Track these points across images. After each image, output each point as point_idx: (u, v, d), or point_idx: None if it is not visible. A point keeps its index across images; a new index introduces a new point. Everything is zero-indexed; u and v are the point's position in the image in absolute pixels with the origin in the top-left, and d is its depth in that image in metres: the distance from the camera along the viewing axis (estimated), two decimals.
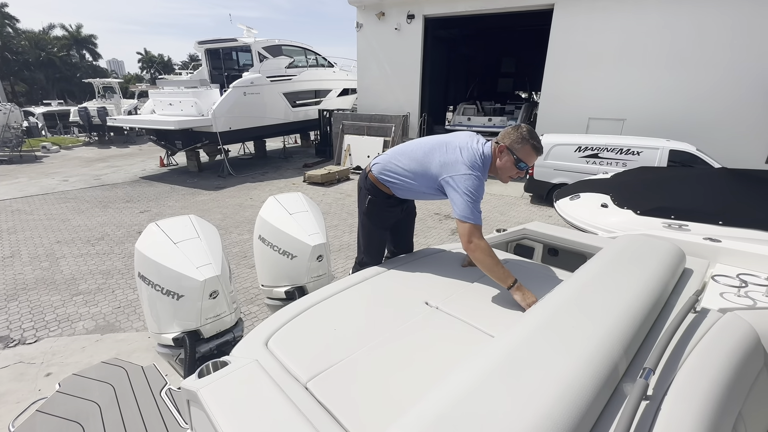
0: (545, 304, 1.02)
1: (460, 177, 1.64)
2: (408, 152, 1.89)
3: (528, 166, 1.70)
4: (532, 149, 1.67)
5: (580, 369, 0.76)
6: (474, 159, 1.68)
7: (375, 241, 2.15)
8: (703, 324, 1.02)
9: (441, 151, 1.75)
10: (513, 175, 1.74)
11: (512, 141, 1.67)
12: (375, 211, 2.04)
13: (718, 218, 2.71)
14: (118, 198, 7.90)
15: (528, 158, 1.68)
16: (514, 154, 1.67)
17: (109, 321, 3.65)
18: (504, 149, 1.69)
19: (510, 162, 1.69)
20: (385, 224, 2.11)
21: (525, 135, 1.66)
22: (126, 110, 17.04)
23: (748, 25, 7.48)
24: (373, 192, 2.00)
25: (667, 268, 1.22)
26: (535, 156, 1.70)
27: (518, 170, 1.71)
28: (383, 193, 1.99)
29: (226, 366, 1.03)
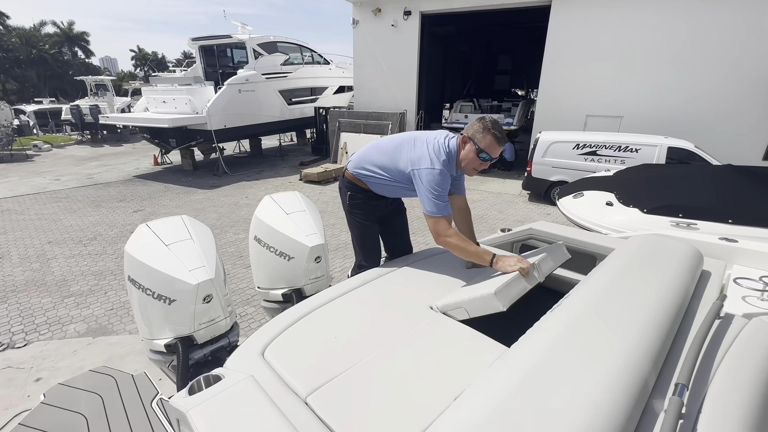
0: (564, 313, 0.95)
1: (424, 171, 1.68)
2: (380, 147, 1.92)
3: (491, 158, 1.70)
4: (494, 139, 1.66)
5: (610, 386, 0.69)
6: (439, 152, 1.70)
7: (367, 238, 2.12)
8: (729, 331, 0.96)
9: (409, 145, 1.79)
10: (477, 167, 1.75)
11: (474, 131, 1.69)
12: (357, 205, 2.05)
13: (727, 216, 2.65)
14: (111, 197, 7.76)
15: (490, 149, 1.67)
16: (476, 144, 1.68)
17: (101, 324, 3.56)
18: (467, 140, 1.71)
19: (472, 153, 1.70)
20: (371, 217, 2.09)
21: (487, 125, 1.66)
22: (119, 108, 16.82)
23: (746, 22, 7.45)
24: (351, 188, 2.03)
25: (687, 271, 1.16)
26: (498, 147, 1.68)
27: (481, 161, 1.71)
28: (362, 188, 2.01)
29: (219, 381, 0.95)
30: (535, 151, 7.37)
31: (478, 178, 9.65)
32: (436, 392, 0.95)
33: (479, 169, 1.76)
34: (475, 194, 8.23)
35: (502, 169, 10.52)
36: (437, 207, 1.66)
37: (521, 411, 0.66)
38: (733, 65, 7.74)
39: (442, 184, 1.67)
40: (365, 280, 1.60)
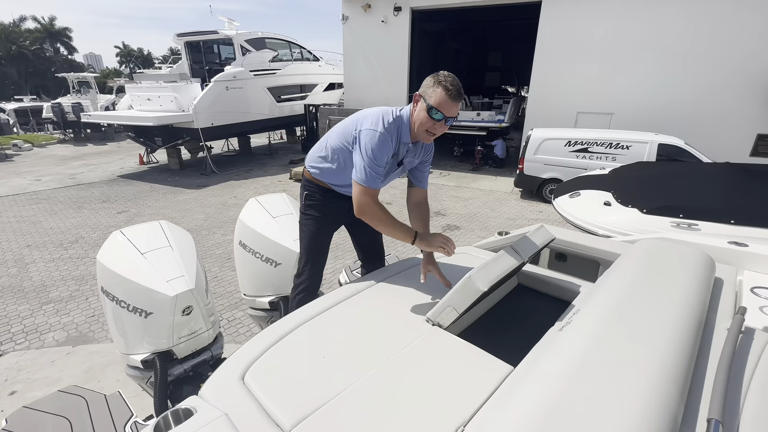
0: (579, 333, 0.86)
1: (365, 132, 1.48)
2: (337, 127, 1.72)
3: (445, 117, 1.44)
4: (444, 92, 1.40)
5: (639, 426, 0.60)
6: (385, 116, 1.51)
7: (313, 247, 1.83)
8: (752, 349, 0.88)
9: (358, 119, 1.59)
10: (431, 129, 1.48)
11: (425, 87, 1.46)
12: (313, 206, 1.80)
13: (729, 217, 2.59)
14: (95, 198, 7.52)
15: (441, 105, 1.41)
16: (426, 101, 1.44)
17: (81, 331, 3.40)
18: (418, 98, 1.48)
19: (423, 111, 1.45)
20: (325, 223, 1.82)
21: (439, 78, 1.42)
22: (103, 106, 16.38)
23: (734, 19, 7.50)
24: (308, 187, 1.81)
25: (702, 280, 1.08)
26: (451, 102, 1.42)
27: (434, 121, 1.45)
28: (321, 187, 1.78)
29: (190, 417, 0.84)
30: (526, 148, 7.34)
31: (470, 176, 9.61)
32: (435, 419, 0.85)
33: (434, 132, 1.50)
34: (467, 192, 8.17)
35: (494, 166, 10.49)
36: (367, 175, 1.45)
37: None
38: (721, 63, 7.80)
39: (381, 150, 1.45)
40: (356, 291, 1.49)
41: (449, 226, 6.08)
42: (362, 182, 1.46)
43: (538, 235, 1.41)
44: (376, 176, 1.47)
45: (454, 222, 6.28)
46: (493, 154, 10.49)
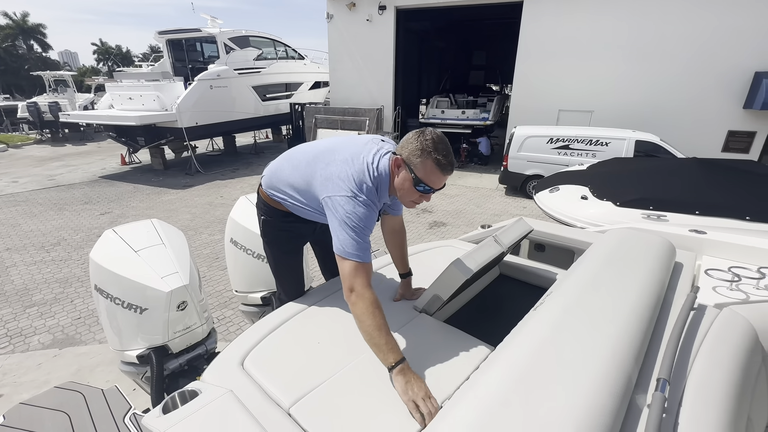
0: (547, 313, 0.95)
1: (340, 199, 1.19)
2: (293, 160, 1.44)
3: (433, 189, 1.24)
4: (435, 165, 1.19)
5: (597, 388, 0.70)
6: (362, 177, 1.22)
7: (283, 271, 1.66)
8: (703, 323, 0.99)
9: (326, 160, 1.29)
10: (416, 201, 1.28)
11: (410, 154, 1.21)
12: (272, 232, 1.59)
13: (694, 208, 2.79)
14: (76, 199, 7.37)
15: (429, 178, 1.21)
16: (413, 172, 1.21)
17: (68, 334, 3.37)
18: (401, 164, 1.24)
19: (408, 182, 1.23)
20: (290, 246, 1.64)
21: (427, 146, 1.18)
22: (81, 105, 15.95)
23: (707, 21, 7.81)
24: (264, 211, 1.58)
25: (662, 264, 1.19)
26: (442, 175, 1.22)
27: (419, 194, 1.25)
28: (278, 211, 1.54)
29: (195, 397, 0.90)
30: (510, 145, 7.51)
31: (456, 174, 9.75)
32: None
33: (419, 203, 1.30)
34: (453, 189, 8.31)
35: (479, 163, 10.67)
36: (357, 247, 1.17)
37: (510, 416, 0.65)
38: (694, 63, 8.11)
39: (367, 218, 1.20)
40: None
41: (436, 223, 6.19)
42: (351, 257, 1.17)
43: (517, 227, 1.51)
44: (366, 246, 1.22)
45: (440, 219, 6.40)
46: (478, 151, 10.66)
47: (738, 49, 7.73)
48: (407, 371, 1.01)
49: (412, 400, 0.94)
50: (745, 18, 7.56)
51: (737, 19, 7.60)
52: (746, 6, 7.50)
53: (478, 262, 1.24)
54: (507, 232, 1.45)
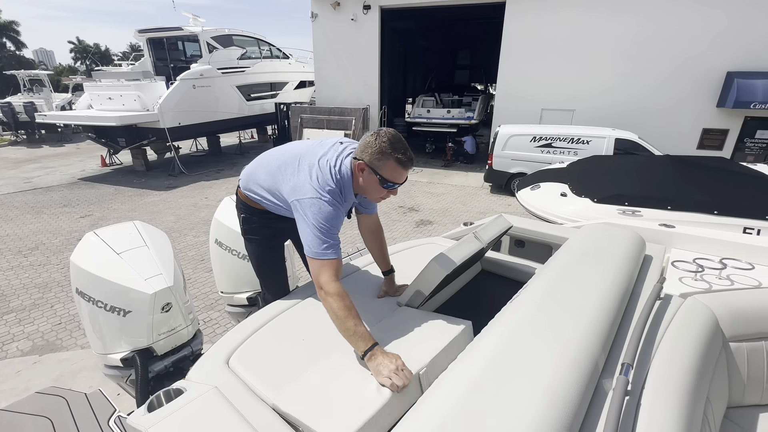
0: (521, 304, 1.00)
1: (307, 201, 1.28)
2: (265, 164, 1.54)
3: (397, 185, 1.35)
4: (397, 164, 1.29)
5: (565, 373, 0.74)
6: (325, 180, 1.31)
7: (266, 268, 1.72)
8: (668, 311, 1.05)
9: (293, 166, 1.39)
10: (384, 196, 1.40)
11: (371, 157, 1.30)
12: (253, 230, 1.66)
13: (666, 204, 2.91)
14: (54, 202, 7.18)
15: (393, 175, 1.31)
16: (377, 172, 1.30)
17: (48, 339, 3.30)
18: (363, 167, 1.32)
19: (374, 182, 1.33)
20: (271, 243, 1.70)
21: (385, 148, 1.27)
22: (59, 105, 15.49)
23: (682, 23, 8.07)
24: (244, 210, 1.66)
25: (632, 256, 1.25)
26: (403, 171, 1.31)
27: (387, 190, 1.35)
28: (257, 210, 1.63)
29: (180, 395, 0.91)
30: (495, 144, 7.62)
31: (442, 172, 9.84)
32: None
33: (387, 197, 1.41)
34: (439, 188, 8.38)
35: (465, 162, 10.79)
36: (323, 246, 1.24)
37: (485, 401, 0.69)
38: (670, 63, 8.37)
39: (333, 218, 1.29)
40: None
41: (423, 221, 6.24)
42: (319, 256, 1.24)
43: (497, 224, 1.56)
44: (334, 245, 1.28)
45: (427, 217, 6.46)
46: (464, 150, 10.78)
47: (711, 50, 8.03)
48: (378, 354, 1.07)
49: (387, 377, 1.00)
50: (717, 20, 7.85)
51: (710, 21, 7.88)
52: (719, 9, 7.79)
53: (458, 257, 1.28)
54: (487, 228, 1.50)
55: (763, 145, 8.27)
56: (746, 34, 7.74)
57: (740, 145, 8.40)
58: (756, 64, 7.79)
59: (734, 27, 7.78)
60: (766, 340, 1.13)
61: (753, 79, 7.70)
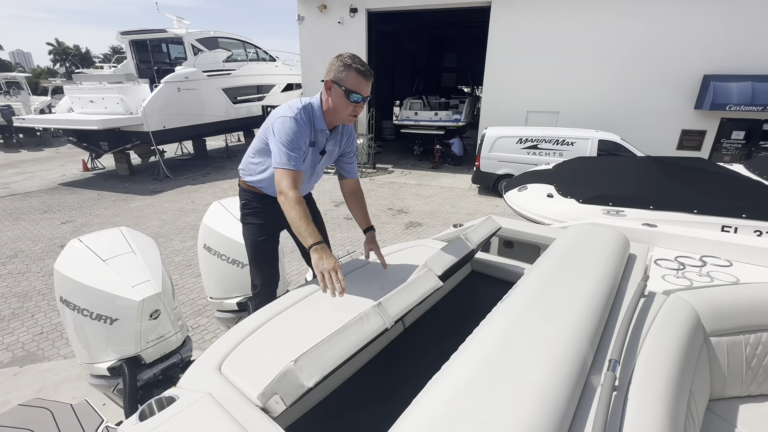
0: (510, 305, 1.02)
1: (277, 123, 1.50)
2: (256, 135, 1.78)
3: (362, 97, 1.51)
4: (358, 74, 1.47)
5: (555, 371, 0.76)
6: (294, 105, 1.54)
7: (259, 254, 1.83)
8: (652, 308, 1.09)
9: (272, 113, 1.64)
10: (351, 112, 1.55)
11: (336, 73, 1.48)
12: (251, 213, 1.81)
13: (649, 203, 3.01)
14: (33, 208, 6.97)
15: (357, 86, 1.48)
16: (342, 85, 1.48)
17: (29, 350, 3.20)
18: (330, 84, 1.51)
19: (341, 96, 1.50)
20: (267, 228, 1.83)
21: (347, 61, 1.47)
22: (37, 108, 15.07)
23: (661, 27, 8.32)
24: (245, 196, 1.83)
25: (616, 255, 1.29)
26: (365, 81, 1.49)
27: (353, 104, 1.52)
28: (257, 194, 1.81)
29: (173, 403, 0.90)
30: (482, 146, 7.71)
31: (431, 174, 9.91)
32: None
33: (356, 113, 1.57)
34: (428, 189, 8.43)
35: (453, 164, 10.88)
36: (286, 158, 1.45)
37: (478, 400, 0.70)
38: (650, 66, 8.62)
39: (296, 134, 1.48)
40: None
41: (412, 224, 6.27)
42: (282, 165, 1.45)
43: (486, 225, 1.58)
44: (295, 158, 1.47)
45: (416, 219, 6.49)
46: (452, 152, 10.87)
47: (688, 54, 8.30)
48: (321, 250, 1.30)
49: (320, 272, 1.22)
50: (694, 25, 8.12)
51: (687, 26, 8.15)
52: (695, 15, 8.06)
53: (449, 260, 1.29)
54: (476, 230, 1.52)
55: (738, 146, 8.57)
56: (721, 39, 8.03)
57: (717, 146, 8.68)
58: (730, 68, 8.08)
59: (710, 32, 8.06)
60: (744, 335, 1.18)
61: (728, 82, 7.99)
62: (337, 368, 0.88)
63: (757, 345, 1.18)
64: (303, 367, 0.87)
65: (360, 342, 0.94)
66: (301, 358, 0.89)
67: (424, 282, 1.15)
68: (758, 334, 1.18)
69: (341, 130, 1.74)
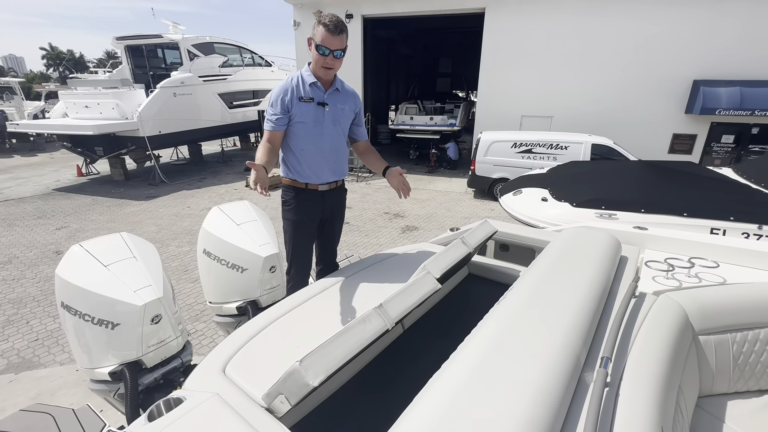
0: (507, 306, 1.05)
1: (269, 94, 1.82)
2: None
3: (330, 51, 1.70)
4: (325, 30, 1.66)
5: (548, 370, 0.79)
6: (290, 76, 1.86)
7: (296, 244, 2.06)
8: (642, 308, 1.13)
9: None
10: (323, 65, 1.75)
11: (312, 31, 1.72)
12: (289, 209, 2.03)
13: (640, 207, 3.07)
14: (27, 214, 6.93)
15: (324, 40, 1.67)
16: (313, 40, 1.71)
17: (24, 357, 3.18)
18: (309, 41, 1.75)
19: (314, 50, 1.73)
20: (303, 222, 2.04)
21: (321, 18, 1.68)
22: (31, 113, 14.98)
23: (652, 33, 8.49)
24: (286, 193, 2.05)
25: (609, 258, 1.33)
26: (332, 36, 1.67)
27: (324, 57, 1.72)
28: (295, 188, 2.01)
29: (181, 404, 0.92)
30: (477, 150, 7.79)
31: (427, 178, 9.97)
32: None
33: (328, 66, 1.76)
34: (424, 194, 8.48)
35: (448, 168, 10.95)
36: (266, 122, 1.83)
37: (476, 398, 0.73)
38: (640, 71, 8.78)
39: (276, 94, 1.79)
40: (323, 288, 1.62)
41: (408, 227, 6.31)
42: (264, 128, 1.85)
43: (483, 229, 1.62)
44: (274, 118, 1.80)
45: (413, 223, 6.52)
46: (447, 156, 10.95)
47: (678, 59, 8.46)
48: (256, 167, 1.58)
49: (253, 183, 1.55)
50: (683, 32, 8.30)
51: (676, 33, 8.32)
52: (684, 22, 8.23)
53: (447, 262, 1.33)
54: (473, 233, 1.56)
55: (728, 149, 8.73)
56: (710, 45, 8.21)
57: (708, 149, 8.84)
58: (719, 73, 8.25)
59: (699, 38, 8.24)
60: (731, 333, 1.22)
61: (717, 87, 8.15)
62: (340, 368, 0.91)
63: (744, 343, 1.23)
64: (308, 366, 0.89)
65: (362, 343, 0.96)
66: (307, 358, 0.91)
67: (423, 284, 1.18)
68: (744, 333, 1.23)
69: (343, 88, 1.93)
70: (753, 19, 7.86)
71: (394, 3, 10.04)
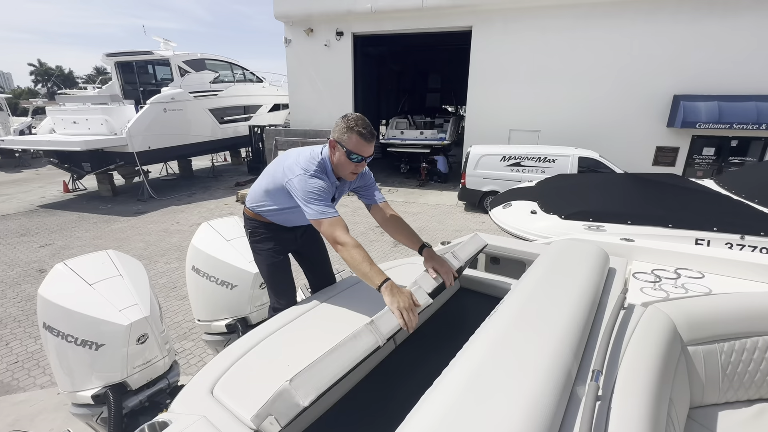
0: (498, 320, 1.05)
1: (296, 179, 1.53)
2: (265, 173, 1.80)
3: (362, 158, 1.56)
4: (360, 137, 1.52)
5: (540, 384, 0.79)
6: (310, 159, 1.59)
7: (276, 275, 1.87)
8: (631, 320, 1.14)
9: (283, 158, 1.69)
10: (353, 170, 1.61)
11: (339, 133, 1.55)
12: (261, 240, 1.84)
13: (627, 219, 3.13)
14: (10, 231, 6.76)
15: (358, 148, 1.53)
16: (344, 146, 1.54)
17: (2, 380, 3.06)
18: (334, 144, 1.58)
19: (343, 156, 1.56)
20: (279, 253, 1.87)
21: (350, 123, 1.53)
22: (17, 129, 14.78)
23: (633, 49, 8.81)
24: (251, 224, 1.86)
25: (597, 270, 1.35)
26: (366, 144, 1.54)
27: (355, 163, 1.57)
28: (263, 222, 1.84)
29: (166, 428, 0.89)
30: (467, 163, 7.88)
31: (417, 192, 10.03)
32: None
33: (357, 171, 1.62)
34: (414, 207, 8.52)
35: (439, 181, 11.05)
36: (322, 209, 1.48)
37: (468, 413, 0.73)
38: (623, 87, 9.06)
39: (321, 188, 1.52)
40: (313, 305, 1.60)
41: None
42: (323, 216, 1.47)
43: (473, 242, 1.63)
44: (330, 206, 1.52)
45: None
46: (437, 169, 11.06)
47: (658, 76, 8.78)
48: (392, 287, 1.27)
49: (398, 310, 1.17)
50: (662, 49, 8.62)
51: (656, 50, 8.65)
52: (663, 40, 8.57)
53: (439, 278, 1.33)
54: (464, 247, 1.56)
55: (709, 161, 8.98)
56: (688, 61, 8.54)
57: (690, 161, 9.09)
58: (698, 88, 8.56)
59: (677, 55, 8.57)
60: (718, 343, 1.24)
61: (696, 102, 8.44)
62: (331, 387, 0.89)
63: (731, 353, 1.24)
64: (298, 386, 0.87)
65: (354, 360, 0.94)
66: (296, 377, 0.88)
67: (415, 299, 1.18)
68: (731, 342, 1.24)
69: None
70: (729, 37, 8.22)
71: (384, 21, 10.26)
